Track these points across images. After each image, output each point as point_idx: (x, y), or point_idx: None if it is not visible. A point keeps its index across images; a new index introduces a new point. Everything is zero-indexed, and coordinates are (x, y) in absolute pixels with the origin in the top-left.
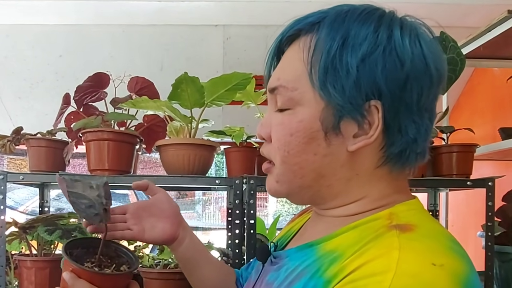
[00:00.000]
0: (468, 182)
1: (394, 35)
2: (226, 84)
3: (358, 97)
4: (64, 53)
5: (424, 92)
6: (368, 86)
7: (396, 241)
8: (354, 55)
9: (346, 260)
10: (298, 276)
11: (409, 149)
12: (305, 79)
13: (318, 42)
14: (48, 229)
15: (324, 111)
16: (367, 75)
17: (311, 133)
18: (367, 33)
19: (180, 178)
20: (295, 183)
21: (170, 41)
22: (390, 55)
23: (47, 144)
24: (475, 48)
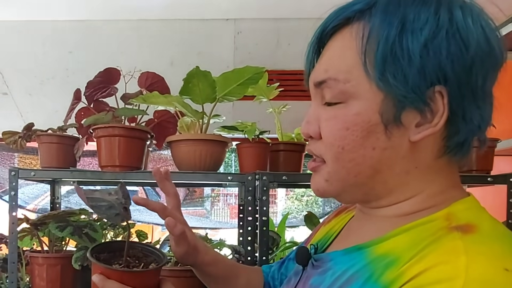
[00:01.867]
0: (488, 178)
1: (456, 16)
2: (238, 78)
3: (422, 85)
4: (74, 49)
5: (489, 76)
6: (434, 72)
7: (460, 245)
8: (415, 40)
9: (404, 265)
10: (348, 282)
11: (472, 137)
12: (359, 69)
13: (372, 29)
14: (60, 225)
15: (383, 102)
16: (432, 60)
17: (369, 126)
18: (428, 16)
19: (191, 175)
20: (349, 181)
21: (180, 36)
22: (454, 38)
23: (58, 140)
24: None
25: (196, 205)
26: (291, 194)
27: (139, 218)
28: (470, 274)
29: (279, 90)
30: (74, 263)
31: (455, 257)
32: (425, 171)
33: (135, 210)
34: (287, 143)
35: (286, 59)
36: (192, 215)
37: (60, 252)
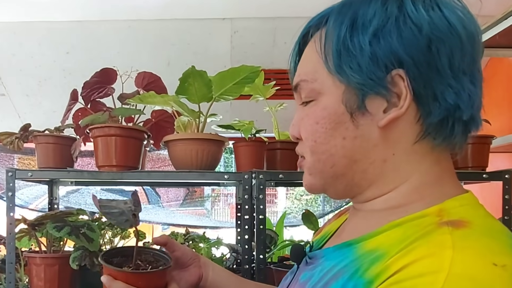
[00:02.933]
0: (484, 174)
1: (404, 4)
2: (234, 77)
3: (377, 71)
4: (71, 50)
5: (455, 53)
6: (386, 57)
7: (448, 239)
8: (365, 32)
9: (389, 259)
10: (335, 277)
11: (452, 117)
12: (322, 68)
13: (328, 30)
14: (57, 225)
15: (345, 93)
16: (382, 47)
17: (336, 118)
18: (375, 9)
19: (188, 173)
20: (327, 173)
21: (177, 36)
22: (404, 23)
23: (55, 141)
24: (491, 37)
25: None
26: (291, 193)
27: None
28: (454, 268)
29: (276, 89)
30: (72, 263)
31: (440, 250)
32: (405, 157)
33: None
34: (284, 141)
35: (283, 58)
36: (192, 215)
37: (58, 253)
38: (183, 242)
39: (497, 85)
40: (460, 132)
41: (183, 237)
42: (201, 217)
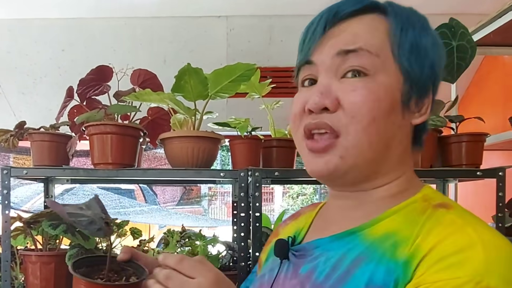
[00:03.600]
0: (478, 172)
1: (433, 31)
2: (230, 75)
3: (431, 77)
4: (67, 47)
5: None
6: (437, 69)
7: (454, 218)
8: (428, 39)
9: (414, 241)
10: (355, 264)
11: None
12: (387, 50)
13: (403, 24)
14: (53, 223)
15: (404, 83)
16: (436, 58)
17: (393, 102)
18: (427, 25)
19: (184, 171)
20: (366, 155)
21: (173, 34)
22: (440, 48)
23: (50, 139)
24: (485, 35)
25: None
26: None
27: (136, 219)
28: (483, 238)
29: (271, 87)
30: (68, 261)
31: (458, 227)
32: (407, 155)
33: (131, 213)
34: (280, 139)
35: (279, 56)
36: (189, 214)
37: (54, 251)
38: (179, 239)
39: (491, 83)
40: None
41: (179, 235)
42: (198, 216)
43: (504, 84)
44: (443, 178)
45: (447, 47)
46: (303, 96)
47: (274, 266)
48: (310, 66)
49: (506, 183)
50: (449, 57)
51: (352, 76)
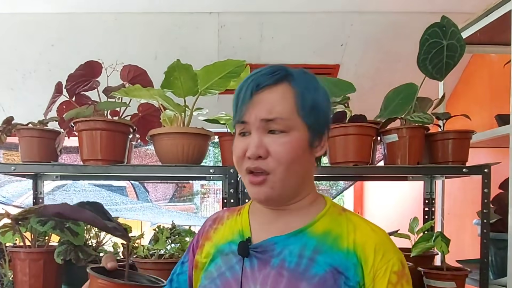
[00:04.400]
0: (464, 169)
1: (322, 86)
2: (220, 71)
3: (326, 122)
4: (56, 42)
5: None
6: (329, 115)
7: (358, 217)
8: (320, 96)
9: (348, 236)
10: (315, 253)
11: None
12: (295, 112)
13: (303, 91)
14: (41, 220)
15: (309, 133)
16: (327, 108)
17: (304, 147)
18: (318, 84)
19: (174, 168)
20: (289, 186)
21: (164, 30)
22: (327, 97)
23: (39, 134)
24: (472, 33)
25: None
26: None
27: (128, 216)
28: (380, 229)
29: None
30: (57, 258)
31: (366, 223)
32: (311, 178)
33: (123, 210)
34: None
35: (270, 52)
36: (181, 211)
37: (43, 247)
38: (169, 236)
39: (478, 81)
40: None
41: (169, 231)
42: (190, 213)
43: (491, 82)
44: (430, 175)
45: (438, 46)
46: (242, 144)
47: (233, 264)
48: (244, 124)
49: (491, 180)
50: (439, 56)
51: (275, 133)
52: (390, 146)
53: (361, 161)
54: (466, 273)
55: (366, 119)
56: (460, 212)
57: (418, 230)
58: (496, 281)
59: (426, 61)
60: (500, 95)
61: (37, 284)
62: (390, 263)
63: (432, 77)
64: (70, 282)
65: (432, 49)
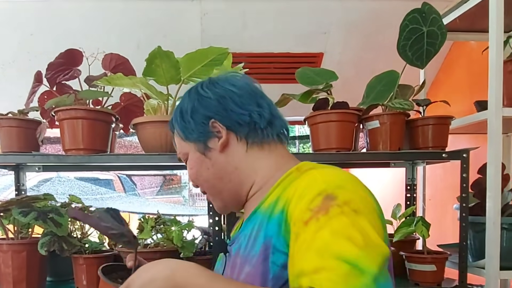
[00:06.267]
0: (443, 154)
1: (198, 90)
2: (202, 59)
3: (201, 127)
4: (36, 31)
5: (235, 99)
6: (201, 119)
7: (314, 171)
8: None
9: (284, 197)
10: (257, 230)
11: (254, 129)
12: (184, 142)
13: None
14: (23, 211)
15: (195, 145)
16: (197, 116)
17: (199, 160)
18: (185, 100)
19: (157, 156)
20: (228, 191)
21: (146, 17)
22: (201, 98)
23: (19, 124)
24: (451, 20)
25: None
26: None
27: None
28: (323, 172)
29: (245, 71)
30: (40, 249)
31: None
32: (246, 162)
33: (108, 198)
34: None
35: (253, 41)
36: (168, 203)
37: (26, 239)
38: (154, 225)
39: (458, 69)
40: (270, 133)
41: (154, 221)
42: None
43: (471, 70)
44: (411, 160)
45: (418, 32)
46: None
47: (222, 262)
48: None
49: (470, 165)
50: (419, 43)
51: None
52: (372, 132)
53: (344, 148)
54: (446, 257)
55: (348, 106)
56: (441, 198)
57: (400, 216)
58: (475, 263)
59: (406, 47)
60: (479, 82)
61: (21, 276)
62: (306, 199)
63: (413, 64)
64: (55, 273)
65: (412, 35)
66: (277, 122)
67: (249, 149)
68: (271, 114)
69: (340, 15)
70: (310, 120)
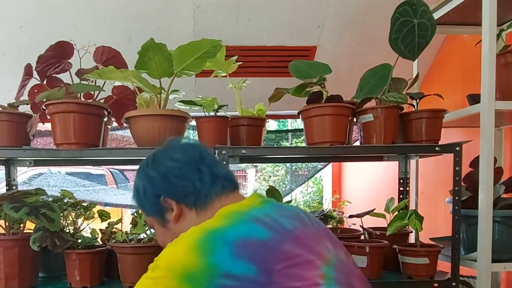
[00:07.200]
0: (436, 147)
1: (145, 171)
2: (195, 51)
3: (154, 205)
4: (25, 24)
5: (176, 173)
6: (153, 197)
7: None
8: (141, 194)
9: None
10: None
11: (199, 196)
12: (147, 216)
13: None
14: (15, 206)
15: (155, 219)
16: (148, 194)
17: (161, 230)
18: (137, 180)
19: (150, 150)
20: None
21: (138, 10)
22: (148, 180)
23: (8, 118)
24: (444, 13)
25: None
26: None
27: (108, 200)
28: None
29: (238, 64)
30: (32, 245)
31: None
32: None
33: (100, 190)
34: (247, 117)
35: (247, 34)
36: None
37: (17, 235)
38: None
39: (451, 63)
40: (214, 193)
41: None
42: None
43: (464, 63)
44: (404, 154)
45: (409, 24)
46: None
47: None
48: None
49: (464, 159)
50: (411, 35)
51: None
52: (366, 126)
53: (337, 141)
54: (438, 249)
55: (342, 99)
56: (434, 192)
57: (393, 209)
58: (467, 256)
59: (398, 40)
60: (472, 76)
61: (13, 272)
62: None
63: (405, 57)
64: (47, 269)
65: (403, 28)
66: (219, 180)
67: (198, 213)
68: (212, 174)
69: (334, 9)
70: (304, 114)
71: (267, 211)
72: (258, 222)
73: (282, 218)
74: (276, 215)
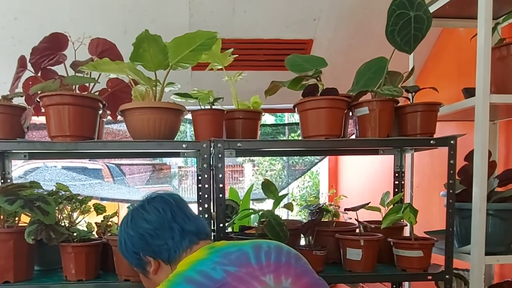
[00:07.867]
0: (431, 141)
1: (126, 231)
2: (191, 44)
3: (136, 259)
4: (20, 15)
5: (151, 233)
6: (133, 254)
7: None
8: (126, 249)
9: None
10: None
11: (172, 252)
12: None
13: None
14: (9, 199)
15: (137, 269)
16: (129, 250)
17: (144, 278)
18: (121, 238)
19: (145, 143)
20: None
21: (134, 2)
22: (128, 238)
23: (3, 110)
24: (441, 6)
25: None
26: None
27: (104, 194)
28: None
29: (234, 57)
30: (27, 238)
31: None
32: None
33: (96, 184)
34: (243, 110)
35: (242, 27)
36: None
37: (12, 228)
38: None
39: (447, 56)
40: (185, 246)
41: None
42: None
43: (459, 57)
44: (399, 147)
45: (405, 17)
46: None
47: None
48: None
49: (459, 153)
50: (407, 27)
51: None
52: (361, 119)
53: (333, 135)
54: (432, 243)
55: (338, 92)
56: (429, 186)
57: (388, 203)
58: (461, 249)
59: (395, 33)
60: (468, 69)
61: (8, 266)
62: None
63: (401, 49)
64: (43, 262)
65: (399, 20)
66: (188, 236)
67: (172, 265)
68: (183, 231)
69: (330, 2)
70: (299, 107)
71: (208, 262)
72: (189, 282)
73: (219, 266)
74: (214, 264)
